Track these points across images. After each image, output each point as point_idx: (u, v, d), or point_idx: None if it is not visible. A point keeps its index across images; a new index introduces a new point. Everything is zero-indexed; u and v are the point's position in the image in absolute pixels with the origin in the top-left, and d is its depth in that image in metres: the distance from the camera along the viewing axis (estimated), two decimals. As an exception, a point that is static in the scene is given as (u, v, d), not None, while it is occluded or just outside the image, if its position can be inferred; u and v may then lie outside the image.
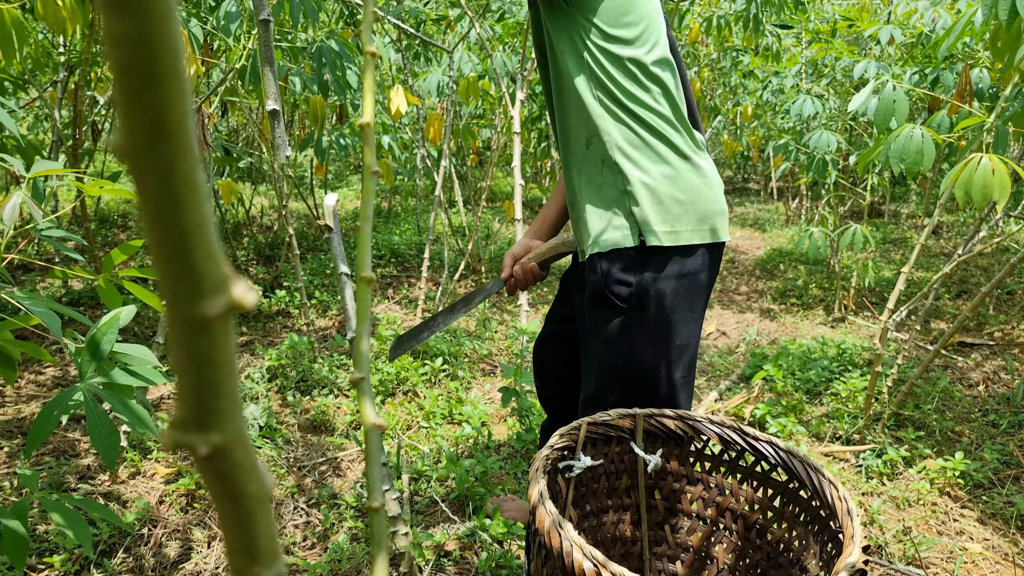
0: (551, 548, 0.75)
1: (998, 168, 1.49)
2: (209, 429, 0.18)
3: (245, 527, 0.20)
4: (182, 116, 0.15)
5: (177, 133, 0.15)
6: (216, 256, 0.17)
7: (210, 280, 0.17)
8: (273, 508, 1.70)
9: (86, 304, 2.84)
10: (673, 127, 1.15)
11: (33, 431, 0.92)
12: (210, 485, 0.19)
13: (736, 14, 3.72)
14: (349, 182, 6.35)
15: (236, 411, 0.18)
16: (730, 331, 3.28)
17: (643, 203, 1.14)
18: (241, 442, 0.19)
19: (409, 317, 3.11)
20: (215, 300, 0.17)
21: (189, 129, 0.16)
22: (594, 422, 1.08)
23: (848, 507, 0.85)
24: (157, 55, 0.15)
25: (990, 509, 1.80)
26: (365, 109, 0.34)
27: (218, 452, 0.18)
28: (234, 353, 0.18)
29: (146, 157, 0.15)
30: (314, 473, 1.87)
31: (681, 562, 1.17)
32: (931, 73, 2.66)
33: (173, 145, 0.15)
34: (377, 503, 0.32)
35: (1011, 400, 2.36)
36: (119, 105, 0.15)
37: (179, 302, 0.17)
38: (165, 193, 0.16)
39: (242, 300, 0.17)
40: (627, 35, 1.11)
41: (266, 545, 0.20)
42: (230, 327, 0.17)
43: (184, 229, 0.16)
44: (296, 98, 2.82)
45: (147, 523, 1.59)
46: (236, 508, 0.19)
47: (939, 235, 4.85)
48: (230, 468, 0.19)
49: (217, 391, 0.18)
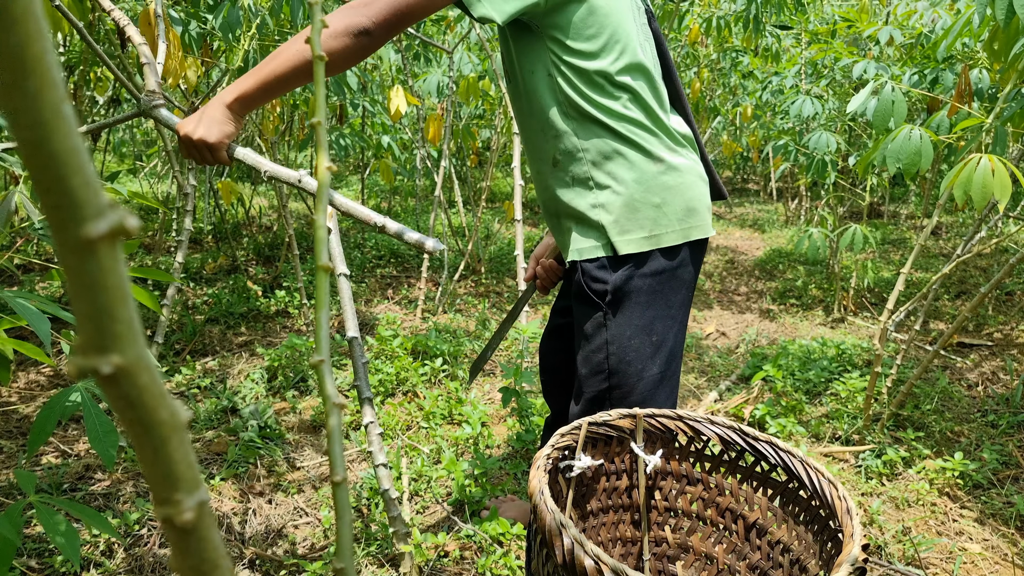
0: (552, 546, 0.75)
1: (998, 168, 1.49)
2: (109, 351, 0.19)
3: (161, 454, 0.20)
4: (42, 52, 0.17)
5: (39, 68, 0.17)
6: (93, 184, 0.18)
7: (90, 205, 0.18)
8: (273, 506, 1.70)
9: (86, 304, 2.85)
10: (646, 130, 1.15)
11: (33, 433, 0.92)
12: (121, 413, 0.20)
13: (736, 15, 3.72)
14: (349, 182, 6.35)
15: (135, 335, 0.19)
16: (730, 331, 3.28)
17: (616, 214, 1.14)
18: (144, 367, 0.19)
19: (409, 317, 3.11)
20: (97, 223, 0.18)
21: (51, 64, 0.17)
22: (594, 422, 1.08)
23: (848, 506, 0.85)
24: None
25: (989, 509, 1.81)
26: (316, 109, 0.35)
27: (121, 373, 0.19)
28: (126, 279, 0.19)
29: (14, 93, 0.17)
30: (314, 473, 1.87)
31: (681, 562, 1.17)
32: (930, 74, 2.66)
33: (36, 79, 0.17)
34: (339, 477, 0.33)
35: (1010, 400, 2.36)
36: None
37: (63, 229, 0.18)
38: (35, 123, 0.17)
39: (123, 223, 0.18)
40: (590, 48, 1.10)
41: (185, 471, 0.21)
42: (118, 251, 0.18)
43: (57, 157, 0.17)
44: (296, 98, 2.82)
45: (147, 523, 1.59)
46: (151, 436, 0.20)
47: (938, 236, 4.85)
48: (137, 392, 0.19)
49: (112, 314, 0.19)
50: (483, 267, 3.83)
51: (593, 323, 1.19)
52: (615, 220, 1.14)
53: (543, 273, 1.46)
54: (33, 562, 1.44)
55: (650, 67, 1.17)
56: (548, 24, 1.10)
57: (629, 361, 1.19)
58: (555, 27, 1.10)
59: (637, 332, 1.18)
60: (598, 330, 1.19)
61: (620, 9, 1.12)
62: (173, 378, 2.31)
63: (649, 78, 1.16)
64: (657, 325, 1.18)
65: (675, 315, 1.20)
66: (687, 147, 1.21)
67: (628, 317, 1.17)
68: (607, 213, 1.15)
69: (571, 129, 1.15)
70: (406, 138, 4.18)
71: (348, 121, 3.22)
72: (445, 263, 3.27)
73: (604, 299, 1.17)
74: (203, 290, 3.13)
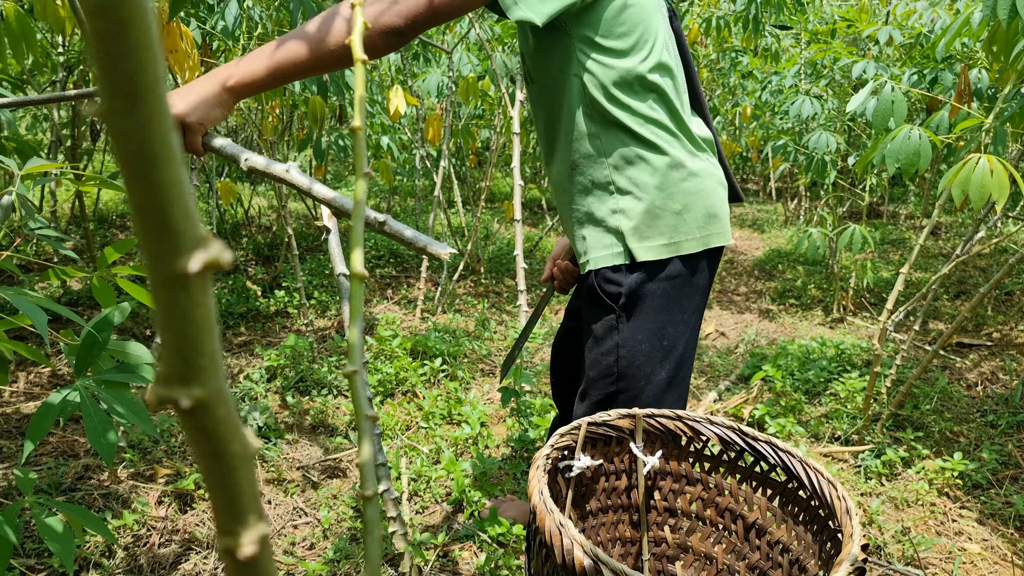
0: (552, 546, 0.75)
1: (996, 168, 1.49)
2: (191, 384, 0.19)
3: (229, 485, 0.20)
4: (155, 80, 0.16)
5: (151, 96, 0.16)
6: (193, 216, 0.17)
7: (187, 238, 0.17)
8: (273, 506, 1.70)
9: (85, 304, 2.84)
10: (669, 133, 1.13)
11: (31, 432, 0.92)
12: (194, 442, 0.20)
13: (735, 15, 3.72)
14: (348, 182, 6.35)
15: (217, 368, 0.19)
16: (729, 331, 3.28)
17: (636, 220, 1.12)
18: (223, 399, 0.19)
19: (408, 317, 3.11)
20: (193, 257, 0.18)
21: (162, 93, 0.16)
22: (594, 422, 1.08)
23: (847, 506, 0.85)
24: (130, 22, 0.16)
25: (989, 509, 1.81)
26: (355, 113, 0.35)
27: (200, 406, 0.19)
28: (213, 311, 0.19)
29: (124, 119, 0.16)
30: (314, 473, 1.87)
31: (680, 562, 1.17)
32: (930, 74, 2.66)
33: (148, 107, 0.16)
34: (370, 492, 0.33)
35: (1009, 400, 2.36)
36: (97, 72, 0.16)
37: (158, 260, 0.17)
38: (142, 153, 0.16)
39: (219, 258, 0.18)
40: (622, 45, 1.08)
41: (250, 503, 0.21)
42: (208, 285, 0.18)
43: (161, 188, 0.17)
44: (295, 98, 2.82)
45: (146, 523, 1.59)
46: (220, 466, 0.20)
47: (938, 236, 4.85)
48: (213, 424, 0.19)
49: (198, 347, 0.18)
50: (482, 267, 3.83)
51: (604, 325, 1.18)
52: (635, 227, 1.12)
53: (559, 275, 1.46)
54: (32, 561, 1.44)
55: (673, 67, 1.15)
56: (580, 22, 1.08)
57: (639, 365, 1.17)
58: (587, 25, 1.07)
59: (648, 336, 1.16)
60: (609, 333, 1.17)
61: (650, 6, 1.10)
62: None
63: (673, 78, 1.14)
64: (669, 330, 1.17)
65: (688, 320, 1.19)
66: (707, 150, 1.19)
67: (640, 321, 1.15)
68: (627, 219, 1.13)
69: (594, 132, 1.13)
70: (405, 138, 4.17)
71: (348, 121, 3.22)
72: (444, 263, 3.27)
73: (617, 302, 1.15)
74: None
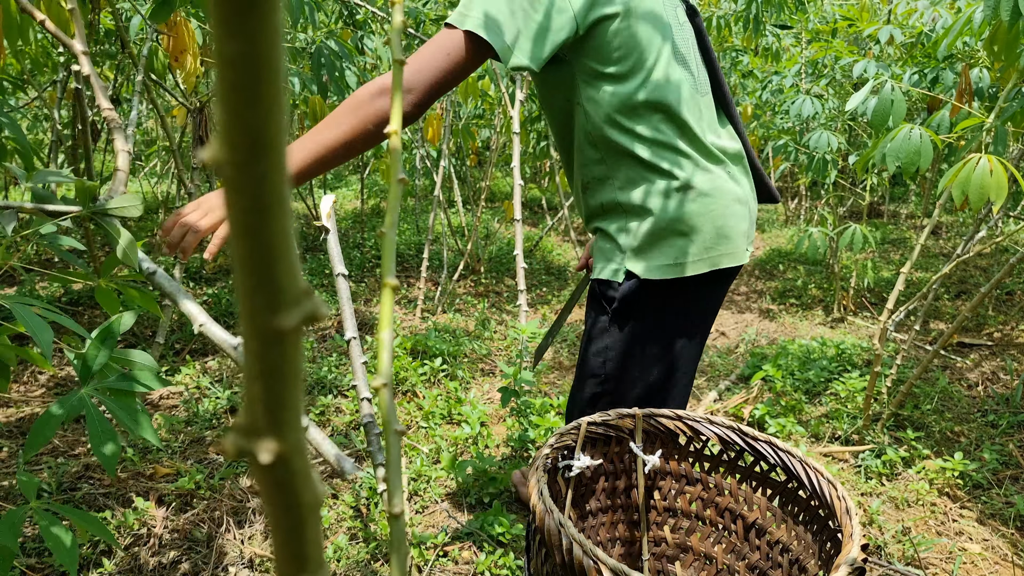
0: (551, 546, 0.75)
1: (996, 168, 1.49)
2: (272, 437, 0.18)
3: (297, 535, 0.20)
4: (279, 135, 0.16)
5: (273, 150, 0.16)
6: (295, 271, 0.17)
7: (288, 294, 0.17)
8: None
9: (86, 304, 2.84)
10: (678, 152, 1.11)
11: (32, 435, 0.92)
12: (267, 494, 0.19)
13: (736, 14, 3.72)
14: (348, 182, 6.34)
15: (298, 421, 0.19)
16: (729, 331, 3.28)
17: (640, 240, 1.13)
18: (300, 451, 0.19)
19: (408, 317, 3.11)
20: (291, 313, 0.17)
21: (283, 146, 0.16)
22: (594, 422, 1.08)
23: (847, 506, 0.85)
24: (262, 76, 0.15)
25: (989, 509, 1.80)
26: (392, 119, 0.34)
27: (280, 461, 0.18)
28: (302, 365, 0.18)
29: (242, 172, 0.16)
30: (312, 473, 1.87)
31: (681, 562, 1.17)
32: (930, 73, 2.66)
33: (269, 162, 0.16)
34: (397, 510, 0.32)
35: (1010, 400, 2.36)
36: (222, 120, 0.15)
37: (257, 314, 0.17)
38: (256, 208, 0.16)
39: (316, 312, 0.18)
40: (620, 69, 1.07)
41: (314, 552, 0.21)
42: (300, 339, 0.18)
43: (269, 244, 0.16)
44: (295, 98, 2.82)
45: (146, 524, 1.59)
46: (290, 517, 0.20)
47: (938, 235, 4.85)
48: (289, 477, 0.19)
49: (283, 402, 0.18)
50: (482, 267, 3.83)
51: (600, 326, 1.19)
52: (639, 247, 1.13)
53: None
54: (33, 561, 1.44)
55: (686, 77, 1.13)
56: (578, 53, 1.08)
57: (626, 368, 1.18)
58: (585, 54, 1.07)
59: (640, 343, 1.17)
60: (603, 334, 1.18)
61: (647, 21, 1.09)
62: (173, 377, 2.31)
63: (681, 91, 1.11)
64: (664, 340, 1.17)
65: (689, 333, 1.19)
66: (726, 162, 1.16)
67: (635, 328, 1.16)
68: (632, 239, 1.13)
69: (599, 157, 1.14)
70: (406, 138, 4.17)
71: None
72: (444, 263, 3.27)
73: (613, 304, 1.16)
74: (203, 290, 3.13)
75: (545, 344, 1.67)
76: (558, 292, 3.55)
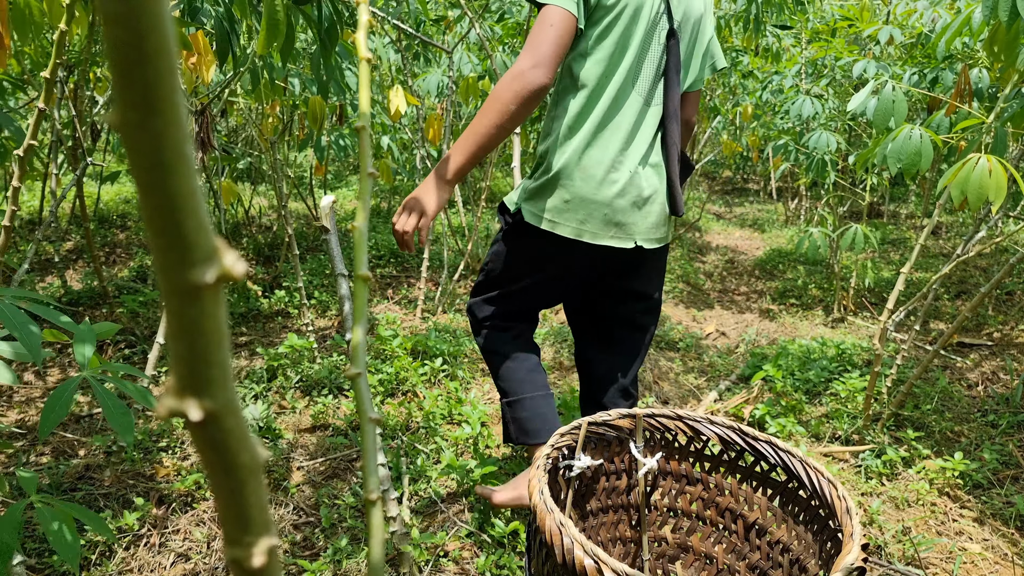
0: (552, 546, 0.75)
1: (995, 169, 1.49)
2: (201, 396, 0.18)
3: (237, 497, 0.20)
4: (171, 92, 0.16)
5: (166, 108, 0.16)
6: (205, 227, 0.17)
7: (200, 250, 0.17)
8: (273, 506, 1.70)
9: (86, 304, 2.84)
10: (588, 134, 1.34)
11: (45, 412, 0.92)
12: (203, 454, 0.19)
13: (736, 15, 3.72)
14: (349, 182, 6.35)
15: (227, 379, 0.19)
16: (729, 331, 3.28)
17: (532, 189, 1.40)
18: (232, 410, 0.19)
19: (408, 317, 3.11)
20: (205, 269, 0.17)
21: (177, 104, 0.16)
22: (594, 422, 1.08)
23: (847, 506, 0.85)
24: (147, 33, 0.15)
25: (989, 509, 1.81)
26: (361, 109, 0.34)
27: (210, 418, 0.19)
28: (225, 323, 0.18)
29: (138, 130, 0.16)
30: (314, 473, 1.87)
31: (681, 562, 1.17)
32: (930, 73, 2.66)
33: (163, 119, 0.16)
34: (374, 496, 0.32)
35: (1010, 400, 2.36)
36: (114, 81, 0.16)
37: (170, 271, 0.17)
38: (156, 164, 0.16)
39: (231, 269, 0.18)
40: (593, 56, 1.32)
41: (258, 515, 0.21)
42: (220, 296, 0.18)
43: (174, 199, 0.17)
44: (296, 99, 2.82)
45: (147, 523, 1.59)
46: (229, 478, 0.20)
47: (938, 235, 4.85)
48: (222, 436, 0.19)
49: (208, 359, 0.18)
50: (483, 267, 3.83)
51: (498, 235, 1.53)
52: (531, 192, 1.40)
53: None
54: (33, 561, 1.44)
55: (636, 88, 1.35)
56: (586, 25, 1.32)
57: (500, 272, 1.52)
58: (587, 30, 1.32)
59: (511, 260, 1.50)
60: (496, 241, 1.54)
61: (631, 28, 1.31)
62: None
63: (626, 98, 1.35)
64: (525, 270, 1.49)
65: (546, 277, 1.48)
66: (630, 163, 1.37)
67: (511, 248, 1.49)
68: (531, 183, 1.41)
69: (551, 115, 1.41)
70: (406, 138, 4.17)
71: (348, 121, 3.22)
72: (445, 263, 3.27)
73: (504, 226, 1.51)
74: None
75: None
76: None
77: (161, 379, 2.29)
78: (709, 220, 5.71)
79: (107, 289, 2.70)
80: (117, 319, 2.61)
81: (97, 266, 2.61)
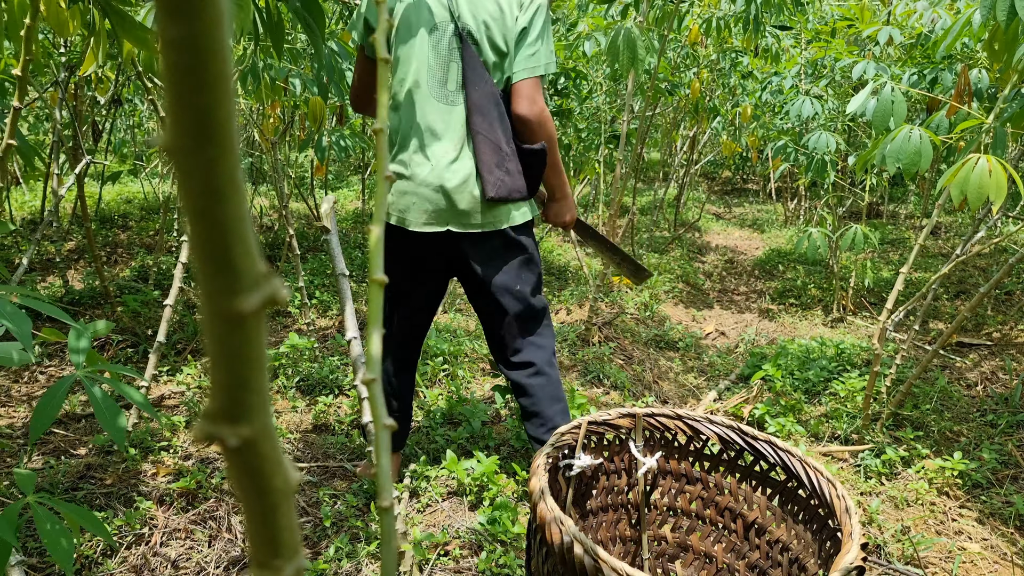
0: (552, 544, 0.75)
1: (995, 169, 1.50)
2: (239, 422, 0.18)
3: (269, 520, 0.20)
4: (227, 119, 0.16)
5: (222, 134, 0.16)
6: (253, 254, 0.17)
7: (247, 277, 0.17)
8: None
9: (86, 304, 2.85)
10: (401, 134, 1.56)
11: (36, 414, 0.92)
12: (237, 479, 0.19)
13: (736, 16, 3.72)
14: (349, 182, 6.35)
15: (265, 405, 0.19)
16: (729, 331, 3.28)
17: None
18: (268, 436, 0.19)
19: (409, 317, 3.11)
20: (251, 296, 0.17)
21: (233, 131, 0.16)
22: (594, 421, 1.08)
23: (846, 505, 0.85)
24: (207, 59, 0.15)
25: (988, 509, 1.81)
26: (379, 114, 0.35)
27: (247, 445, 0.18)
28: (265, 348, 0.18)
29: (192, 156, 0.16)
30: (315, 472, 1.87)
31: (681, 561, 1.18)
32: (930, 74, 2.66)
33: (217, 145, 0.16)
34: (387, 503, 0.32)
35: (1009, 400, 2.36)
36: (168, 106, 0.16)
37: (216, 297, 0.17)
38: (207, 191, 0.16)
39: (276, 296, 0.18)
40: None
41: (289, 538, 0.21)
42: (263, 323, 0.18)
43: (224, 226, 0.16)
44: (296, 99, 2.82)
45: (147, 523, 1.59)
46: (262, 502, 0.20)
47: (938, 236, 4.86)
48: (258, 461, 0.19)
49: (248, 385, 0.18)
50: (483, 267, 3.83)
51: None
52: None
53: None
54: (34, 560, 1.44)
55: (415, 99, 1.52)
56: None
57: None
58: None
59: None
60: None
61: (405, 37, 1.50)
62: (175, 377, 2.31)
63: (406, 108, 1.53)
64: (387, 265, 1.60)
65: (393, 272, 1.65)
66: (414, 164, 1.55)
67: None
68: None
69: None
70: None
71: (348, 122, 3.22)
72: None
73: None
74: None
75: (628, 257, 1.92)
76: (558, 292, 3.56)
77: (161, 379, 2.30)
78: (708, 220, 5.71)
79: (108, 289, 2.70)
80: (118, 319, 2.61)
81: (98, 266, 2.61)
